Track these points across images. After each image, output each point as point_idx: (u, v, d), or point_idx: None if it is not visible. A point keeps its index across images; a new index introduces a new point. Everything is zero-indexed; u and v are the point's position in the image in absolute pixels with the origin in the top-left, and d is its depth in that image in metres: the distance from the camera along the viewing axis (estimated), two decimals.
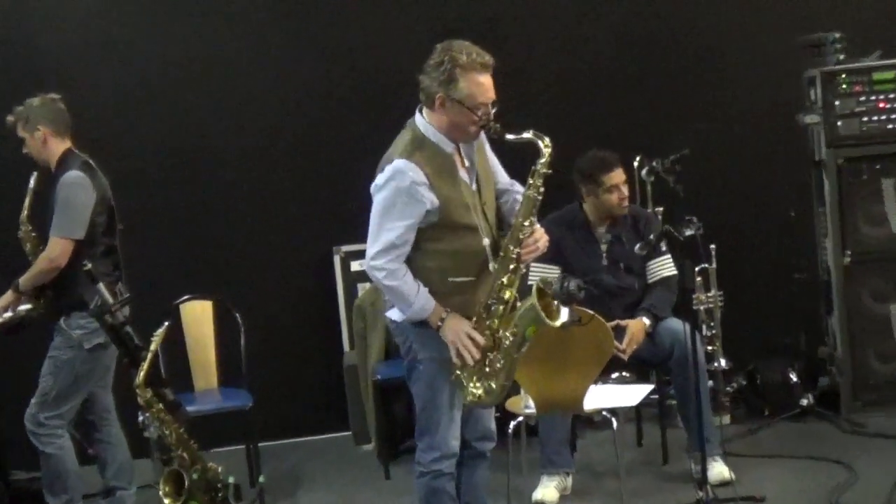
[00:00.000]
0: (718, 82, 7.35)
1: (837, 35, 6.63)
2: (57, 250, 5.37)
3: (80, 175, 5.42)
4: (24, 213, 5.69)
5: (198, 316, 6.51)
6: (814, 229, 6.92)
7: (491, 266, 4.39)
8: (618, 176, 5.99)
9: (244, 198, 7.10)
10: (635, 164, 6.85)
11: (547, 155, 4.35)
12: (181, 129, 7.00)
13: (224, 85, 7.05)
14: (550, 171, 4.36)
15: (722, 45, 7.37)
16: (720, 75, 7.36)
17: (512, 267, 4.37)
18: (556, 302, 4.31)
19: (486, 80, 4.31)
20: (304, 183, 7.14)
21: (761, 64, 7.31)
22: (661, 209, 6.82)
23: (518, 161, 4.59)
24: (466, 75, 4.28)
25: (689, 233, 5.17)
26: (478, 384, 4.41)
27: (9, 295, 5.51)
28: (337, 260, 7.05)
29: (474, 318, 4.40)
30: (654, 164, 6.73)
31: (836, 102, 6.54)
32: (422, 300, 4.37)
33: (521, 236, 4.37)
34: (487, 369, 4.39)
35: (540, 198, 4.37)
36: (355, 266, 6.96)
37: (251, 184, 7.10)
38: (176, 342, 6.28)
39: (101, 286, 5.07)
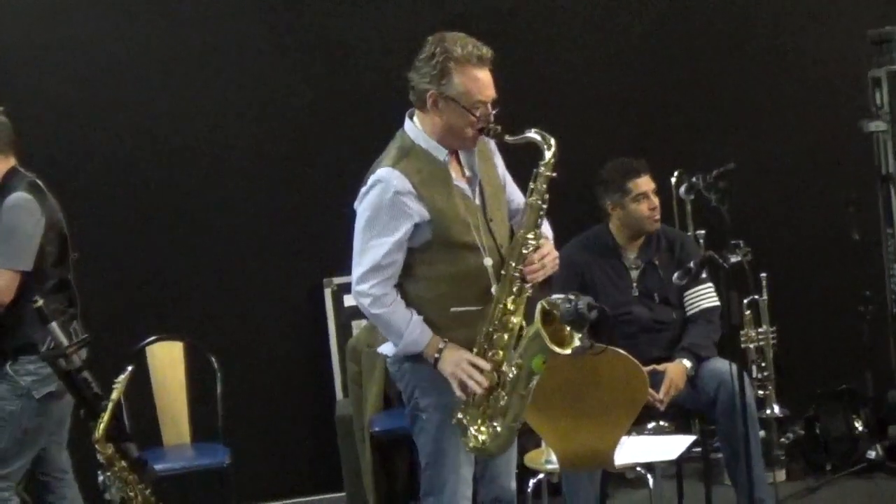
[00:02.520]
0: (768, 84, 7.37)
1: None
2: (1, 284, 5.38)
3: (27, 197, 5.41)
4: None
5: (166, 360, 6.51)
6: (881, 254, 6.92)
7: (493, 289, 4.39)
8: (646, 183, 6.06)
9: (219, 222, 7.09)
10: (673, 180, 6.86)
11: (551, 155, 4.35)
12: (144, 141, 7.00)
13: (194, 91, 7.05)
14: (555, 174, 4.35)
15: (772, 40, 7.40)
16: (770, 76, 7.38)
17: (515, 288, 4.36)
18: (567, 327, 4.27)
19: (484, 75, 4.36)
20: (289, 204, 7.14)
21: (818, 63, 7.33)
22: (702, 232, 6.82)
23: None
24: (461, 69, 4.31)
25: (735, 260, 5.18)
26: (482, 428, 4.38)
27: None
28: (328, 294, 7.05)
29: (474, 350, 4.39)
30: (694, 180, 6.72)
31: None
32: (415, 331, 4.38)
33: (523, 251, 4.37)
34: (491, 410, 4.37)
35: (545, 206, 4.37)
36: (349, 301, 6.95)
37: (228, 205, 7.10)
38: (141, 390, 6.28)
39: (54, 325, 5.07)
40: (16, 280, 5.36)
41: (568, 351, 4.27)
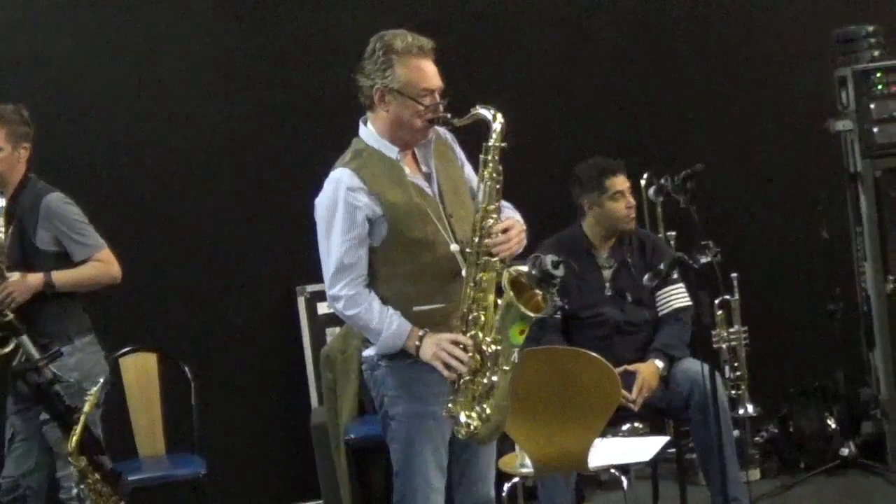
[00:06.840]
0: (735, 85, 7.38)
1: (871, 28, 6.65)
2: (114, 262, 5.61)
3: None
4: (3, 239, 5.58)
5: (140, 371, 6.48)
6: (851, 252, 6.93)
7: (464, 272, 4.34)
8: (622, 182, 6.11)
9: (191, 231, 7.06)
10: (642, 182, 6.85)
11: (499, 127, 4.33)
12: (115, 151, 6.97)
13: (167, 100, 7.02)
14: (506, 144, 4.33)
15: (738, 41, 7.41)
16: (737, 77, 7.39)
17: (482, 261, 4.28)
18: (538, 291, 4.22)
19: (426, 65, 4.41)
20: (261, 213, 7.12)
21: (784, 63, 7.34)
22: (673, 234, 6.82)
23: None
24: (403, 60, 4.38)
25: (705, 260, 5.18)
26: (472, 414, 4.30)
27: (36, 279, 5.49)
28: (301, 302, 7.03)
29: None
30: (662, 181, 6.71)
31: (872, 106, 6.55)
32: (394, 324, 4.35)
33: (485, 224, 4.29)
34: (478, 392, 4.28)
35: (501, 178, 4.32)
36: (323, 308, 6.94)
37: (200, 214, 7.07)
38: (115, 402, 6.23)
39: (25, 339, 5.03)
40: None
41: (543, 314, 4.26)
